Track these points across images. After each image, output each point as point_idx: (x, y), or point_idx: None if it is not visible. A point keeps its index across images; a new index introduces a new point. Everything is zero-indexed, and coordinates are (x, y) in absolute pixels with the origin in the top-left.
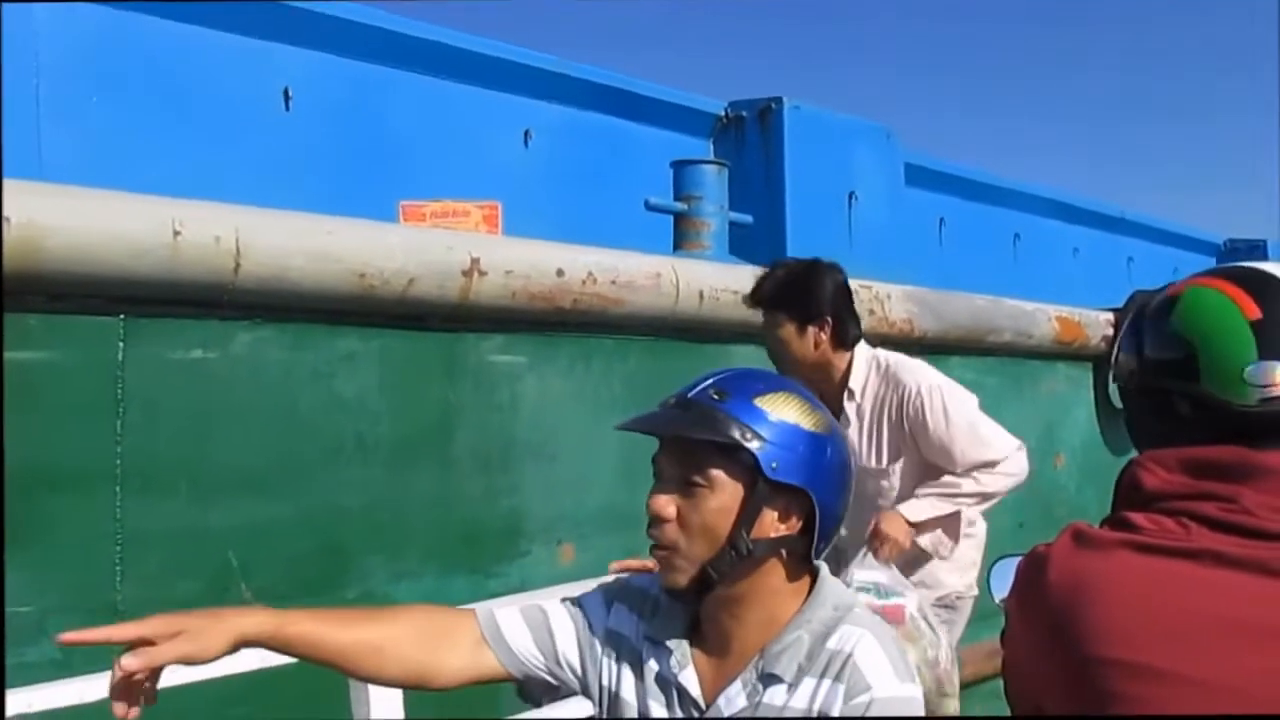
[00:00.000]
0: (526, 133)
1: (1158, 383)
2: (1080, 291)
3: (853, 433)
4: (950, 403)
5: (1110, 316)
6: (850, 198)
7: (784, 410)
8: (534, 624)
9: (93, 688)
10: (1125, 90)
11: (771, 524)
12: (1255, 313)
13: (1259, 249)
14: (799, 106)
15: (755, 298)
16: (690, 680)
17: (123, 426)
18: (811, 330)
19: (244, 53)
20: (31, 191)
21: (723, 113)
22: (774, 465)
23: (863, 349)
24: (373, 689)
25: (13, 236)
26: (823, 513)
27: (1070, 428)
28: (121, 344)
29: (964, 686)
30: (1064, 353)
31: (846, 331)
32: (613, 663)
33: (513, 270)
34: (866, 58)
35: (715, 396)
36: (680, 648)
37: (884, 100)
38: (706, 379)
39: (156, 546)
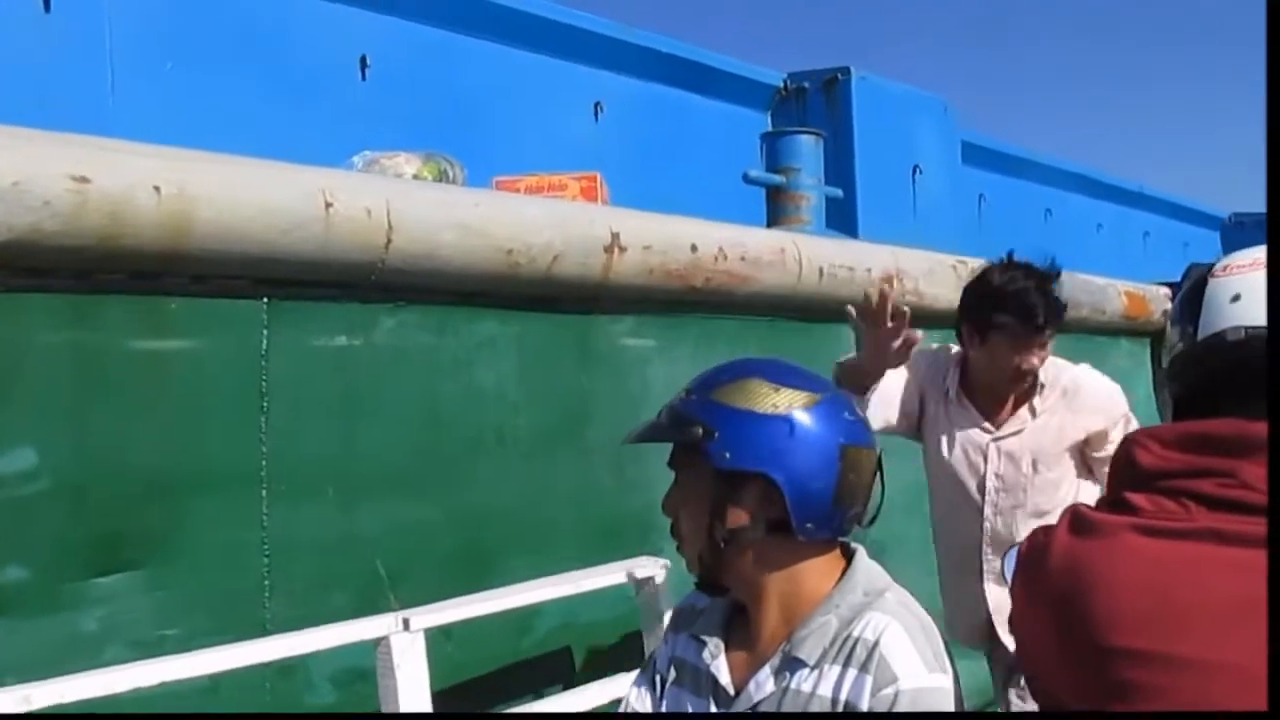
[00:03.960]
0: (597, 105)
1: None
2: (1106, 265)
3: (1025, 434)
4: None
5: (1167, 291)
6: (914, 171)
7: (738, 398)
8: (647, 693)
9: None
10: (1133, 64)
11: (742, 512)
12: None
13: (1263, 223)
14: (865, 77)
15: (1047, 321)
16: (721, 669)
17: (267, 423)
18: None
19: (322, 18)
20: (179, 158)
21: (782, 84)
22: (726, 455)
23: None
24: (398, 663)
25: (164, 210)
26: (793, 491)
27: (1133, 403)
28: (265, 331)
29: None
30: (1128, 328)
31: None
32: (673, 683)
33: (651, 246)
34: (882, 27)
35: (684, 395)
36: (715, 641)
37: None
38: (696, 379)
39: (304, 556)
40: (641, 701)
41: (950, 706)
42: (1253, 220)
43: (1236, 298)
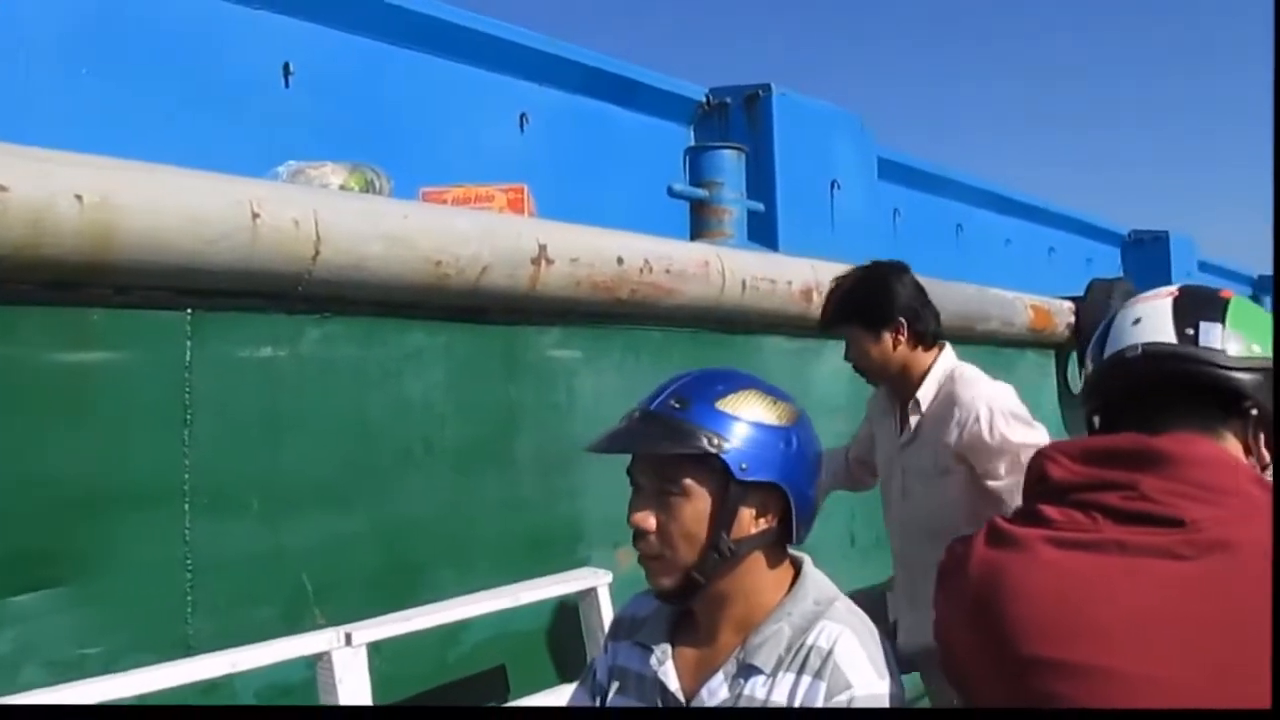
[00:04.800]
0: (523, 116)
1: None
2: (1014, 278)
3: (912, 447)
4: (1005, 428)
5: (1071, 305)
6: (833, 186)
7: (746, 409)
8: (588, 702)
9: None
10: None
11: (749, 522)
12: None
13: (1161, 240)
14: (785, 94)
15: (824, 322)
16: (669, 675)
17: (190, 436)
18: (887, 335)
19: (244, 24)
20: (102, 166)
21: (704, 99)
22: (743, 466)
23: (945, 359)
24: (340, 678)
25: (86, 219)
26: (797, 503)
27: (1039, 414)
28: (189, 342)
29: None
30: (1034, 340)
31: (925, 329)
32: (616, 692)
33: (578, 258)
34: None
35: (676, 405)
36: (662, 648)
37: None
38: (667, 388)
39: (228, 571)
40: (591, 687)
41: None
42: (1150, 236)
43: (1137, 321)
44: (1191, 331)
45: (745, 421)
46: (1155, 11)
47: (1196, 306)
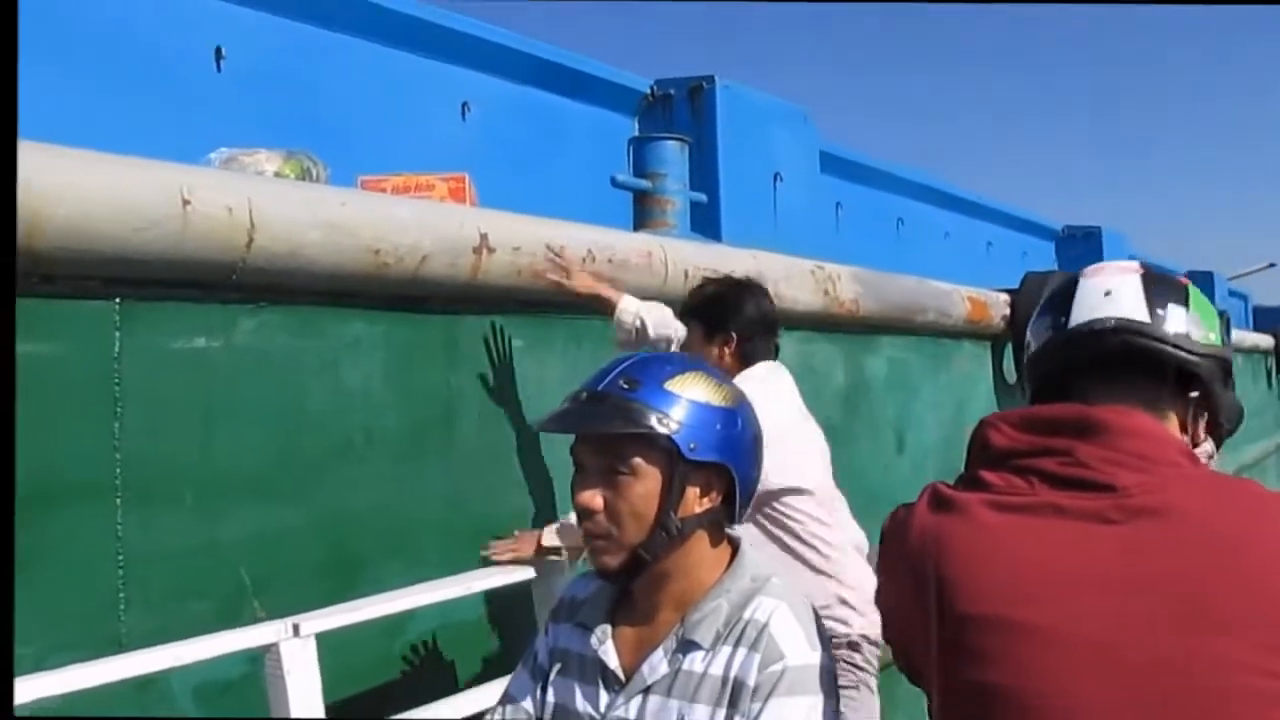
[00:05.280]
0: (464, 105)
1: None
2: (952, 271)
3: None
4: None
5: (1006, 297)
6: (775, 178)
7: (694, 390)
8: (529, 683)
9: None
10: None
11: (695, 500)
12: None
13: (1094, 235)
14: (729, 86)
15: (679, 312)
16: (609, 654)
17: (121, 429)
18: (716, 345)
19: (173, 4)
20: (26, 151)
21: (648, 91)
22: (692, 446)
23: (745, 373)
24: (288, 670)
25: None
26: (741, 482)
27: (975, 404)
28: (118, 333)
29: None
30: (971, 332)
31: (752, 352)
32: (557, 674)
33: (520, 247)
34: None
35: (625, 386)
36: (602, 628)
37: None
38: (615, 368)
39: (162, 566)
40: (523, 692)
41: (827, 682)
42: (1082, 232)
43: (1108, 293)
44: (1161, 313)
45: (694, 402)
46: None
47: (1164, 289)
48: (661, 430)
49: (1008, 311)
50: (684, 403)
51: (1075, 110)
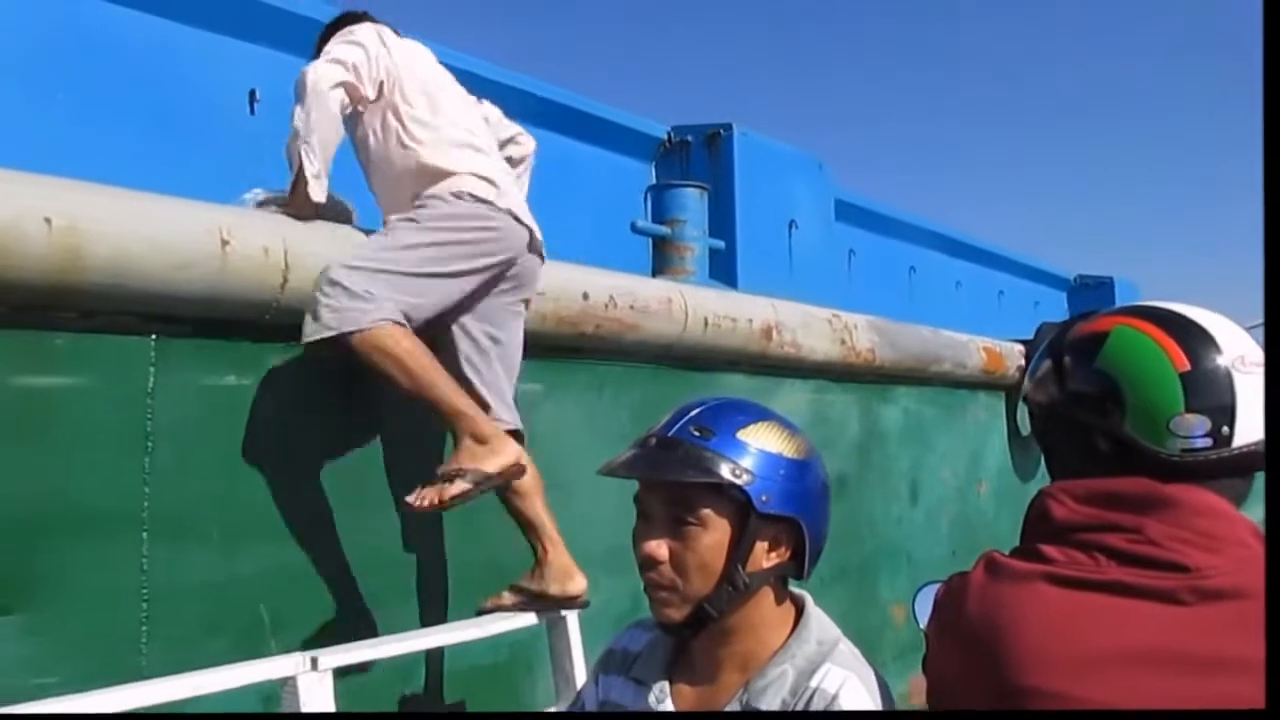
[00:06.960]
0: None
1: (1079, 416)
2: (965, 321)
3: None
4: None
5: (1021, 348)
6: (791, 225)
7: (768, 441)
8: None
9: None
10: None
11: (763, 555)
12: (1185, 364)
13: (1106, 285)
14: (746, 134)
15: None
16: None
17: (151, 464)
18: None
19: (209, 50)
20: (71, 189)
21: (666, 137)
22: (764, 498)
23: None
24: (305, 704)
25: (54, 242)
26: (812, 538)
27: (989, 455)
28: (153, 369)
29: None
30: (985, 382)
31: None
32: None
33: (544, 292)
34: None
35: (697, 433)
36: (660, 685)
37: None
38: (685, 415)
39: (185, 601)
40: None
41: None
42: (1095, 281)
43: None
44: None
45: (767, 453)
46: (1106, 56)
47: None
48: (735, 481)
49: (1022, 362)
50: (757, 453)
51: (1093, 156)
